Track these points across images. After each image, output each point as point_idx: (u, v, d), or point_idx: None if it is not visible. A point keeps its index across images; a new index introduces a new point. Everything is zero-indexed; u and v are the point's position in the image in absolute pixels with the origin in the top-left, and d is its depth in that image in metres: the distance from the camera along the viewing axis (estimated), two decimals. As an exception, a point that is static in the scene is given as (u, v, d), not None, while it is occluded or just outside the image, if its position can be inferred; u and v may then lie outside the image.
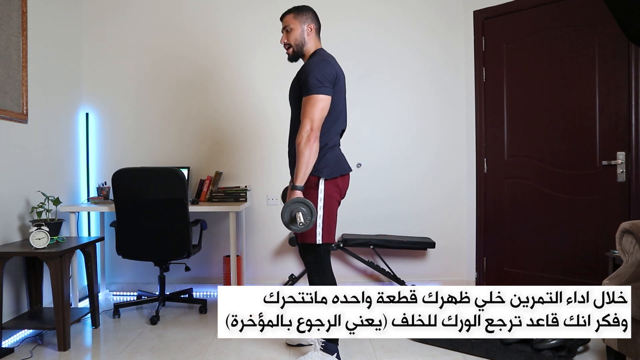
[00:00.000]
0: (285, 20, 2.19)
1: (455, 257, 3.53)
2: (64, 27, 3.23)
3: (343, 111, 2.18)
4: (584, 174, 2.91)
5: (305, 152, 1.95)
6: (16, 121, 2.66)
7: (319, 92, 1.98)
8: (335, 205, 2.11)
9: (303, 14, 2.18)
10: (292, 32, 2.16)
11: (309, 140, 1.96)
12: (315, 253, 2.09)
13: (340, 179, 2.11)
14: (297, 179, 1.97)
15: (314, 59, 2.09)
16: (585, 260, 2.91)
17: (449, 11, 3.50)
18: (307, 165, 1.97)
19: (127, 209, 2.75)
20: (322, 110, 1.99)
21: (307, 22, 2.18)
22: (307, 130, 1.96)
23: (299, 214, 1.87)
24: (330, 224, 2.07)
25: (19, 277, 2.66)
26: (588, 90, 2.88)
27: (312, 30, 2.19)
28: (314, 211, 1.89)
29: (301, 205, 1.89)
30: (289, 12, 2.18)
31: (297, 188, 1.97)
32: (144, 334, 2.62)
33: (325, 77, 2.00)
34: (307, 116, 1.97)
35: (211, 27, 3.50)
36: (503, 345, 2.18)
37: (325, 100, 2.00)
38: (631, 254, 2.07)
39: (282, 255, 3.53)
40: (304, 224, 1.87)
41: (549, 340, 2.13)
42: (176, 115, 3.51)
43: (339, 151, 2.17)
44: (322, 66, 2.02)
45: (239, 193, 3.25)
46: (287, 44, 2.18)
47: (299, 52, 2.18)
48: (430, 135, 3.52)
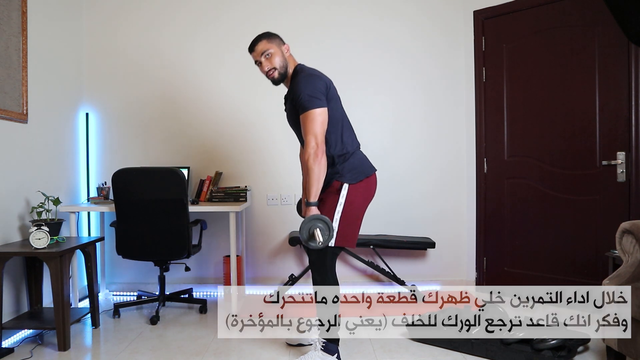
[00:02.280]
0: (259, 47, 2.14)
1: (455, 257, 3.53)
2: (64, 27, 3.23)
3: (344, 116, 2.19)
4: (584, 174, 2.91)
5: (314, 168, 1.98)
6: (16, 121, 2.66)
7: (315, 106, 2.00)
8: (355, 211, 2.10)
9: (274, 37, 2.18)
10: (273, 56, 2.14)
11: (317, 156, 1.98)
12: (322, 253, 2.09)
13: (365, 181, 2.12)
14: (310, 195, 2.00)
15: (300, 76, 2.09)
16: (585, 260, 2.91)
17: (449, 11, 3.50)
18: (318, 180, 2.00)
19: (127, 209, 2.75)
20: (322, 123, 2.01)
21: (281, 43, 2.19)
22: (313, 146, 1.98)
23: (317, 230, 1.91)
24: (346, 229, 2.08)
25: (19, 277, 2.66)
26: (588, 90, 2.88)
27: (289, 49, 2.20)
28: (332, 227, 1.94)
29: (318, 222, 1.93)
30: (260, 39, 2.16)
31: (311, 204, 2.00)
32: (144, 334, 2.62)
33: (316, 90, 2.02)
34: (310, 133, 1.99)
35: (211, 26, 3.50)
36: (503, 345, 2.18)
37: (323, 113, 2.02)
38: (631, 254, 2.07)
39: (282, 255, 3.53)
40: (322, 241, 1.91)
41: (549, 340, 2.13)
42: (176, 115, 3.51)
43: (361, 154, 2.19)
44: (311, 81, 2.04)
45: (239, 193, 3.25)
46: (272, 68, 2.14)
47: (284, 73, 2.17)
48: (430, 135, 3.52)
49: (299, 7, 3.50)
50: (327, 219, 1.94)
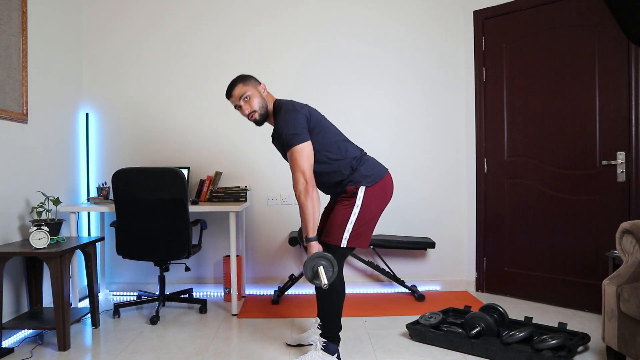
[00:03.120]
0: (236, 92, 2.16)
1: (455, 257, 3.53)
2: (64, 27, 3.23)
3: (338, 132, 2.21)
4: (584, 174, 2.91)
5: (307, 204, 2.00)
6: (16, 121, 2.66)
7: (298, 142, 2.02)
8: (371, 214, 2.12)
9: (249, 80, 2.19)
10: (251, 98, 2.16)
11: (307, 192, 2.01)
12: (331, 252, 2.09)
13: (380, 183, 2.14)
14: (308, 231, 2.02)
15: (280, 115, 2.11)
16: (585, 260, 2.92)
17: (449, 11, 3.50)
18: (313, 215, 2.02)
19: (127, 209, 2.75)
20: (308, 157, 2.04)
21: (257, 84, 2.21)
22: (302, 182, 2.01)
23: (321, 268, 1.93)
24: (360, 231, 2.10)
25: (19, 277, 2.66)
26: (588, 90, 2.88)
27: (265, 88, 2.22)
28: (334, 262, 1.96)
29: (321, 260, 1.95)
30: (236, 84, 2.18)
31: (310, 240, 2.02)
32: (144, 334, 2.62)
33: (297, 126, 2.04)
34: (298, 169, 2.02)
35: (211, 25, 3.50)
36: (503, 345, 2.18)
37: (307, 147, 2.04)
38: (631, 254, 2.07)
39: (282, 256, 3.53)
40: (326, 283, 1.91)
41: (549, 340, 2.13)
42: (176, 115, 3.51)
43: (370, 158, 2.22)
44: (291, 118, 2.06)
45: (239, 193, 3.25)
46: (252, 111, 2.16)
47: (265, 113, 2.19)
48: (430, 135, 3.52)
49: (299, 7, 3.50)
50: (330, 256, 1.96)
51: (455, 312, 2.73)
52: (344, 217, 2.08)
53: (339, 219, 2.09)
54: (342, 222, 2.08)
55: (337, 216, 2.11)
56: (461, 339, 2.30)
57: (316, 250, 2.01)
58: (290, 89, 3.49)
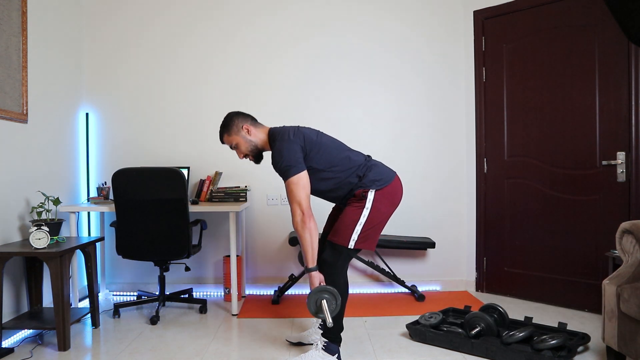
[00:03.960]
0: (225, 141, 2.29)
1: (455, 257, 3.53)
2: (64, 27, 3.23)
3: (338, 147, 2.22)
4: (584, 174, 2.91)
5: (305, 235, 2.05)
6: (16, 121, 2.66)
7: (293, 174, 2.06)
8: (380, 217, 2.14)
9: (231, 126, 2.25)
10: (239, 146, 2.25)
11: (304, 223, 2.05)
12: (337, 253, 2.11)
13: (390, 186, 2.15)
14: (308, 261, 2.07)
15: (275, 146, 2.16)
16: (585, 260, 2.92)
17: (449, 11, 3.50)
18: (312, 246, 2.06)
19: (127, 209, 2.75)
20: (304, 187, 2.07)
21: (239, 127, 2.25)
22: (299, 214, 2.05)
23: (324, 302, 1.96)
24: (368, 233, 2.11)
25: (19, 277, 2.66)
26: (588, 90, 2.88)
27: (249, 127, 2.25)
28: (337, 295, 1.98)
29: (324, 294, 1.98)
30: (222, 135, 2.29)
31: (311, 270, 2.07)
32: (144, 334, 2.62)
33: (291, 158, 2.07)
34: (294, 201, 2.06)
35: (211, 25, 3.50)
36: (503, 345, 2.18)
37: (303, 178, 2.08)
38: (631, 254, 2.07)
39: (283, 256, 3.53)
40: (330, 321, 1.93)
41: (549, 340, 2.13)
42: (176, 115, 3.51)
43: (375, 162, 2.23)
44: (284, 150, 2.09)
45: (239, 193, 3.25)
46: (243, 156, 2.27)
47: (257, 152, 2.27)
48: (430, 135, 3.52)
49: (298, 8, 3.50)
50: (333, 289, 1.98)
51: (455, 312, 2.73)
52: (354, 218, 2.09)
53: (348, 219, 2.10)
54: (351, 222, 2.09)
55: (346, 217, 2.12)
56: (461, 339, 2.30)
57: (317, 280, 2.06)
58: (290, 89, 3.49)
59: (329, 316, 1.93)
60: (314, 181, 2.14)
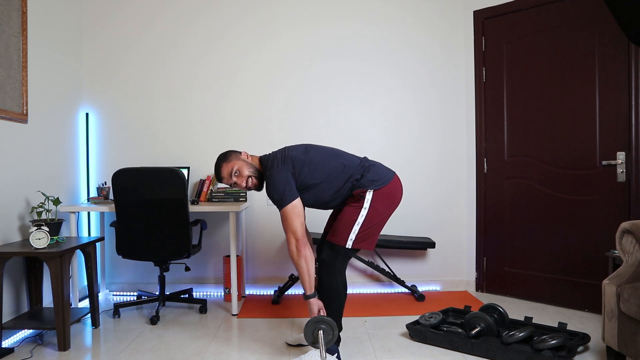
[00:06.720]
0: (224, 172, 2.26)
1: (455, 257, 3.53)
2: (64, 27, 3.23)
3: (330, 155, 2.22)
4: (584, 174, 2.91)
5: (300, 263, 2.09)
6: (16, 121, 2.66)
7: (286, 203, 2.09)
8: (379, 217, 2.14)
9: (229, 155, 2.28)
10: (241, 169, 2.24)
11: (300, 252, 2.09)
12: (335, 252, 2.11)
13: (388, 186, 2.15)
14: (306, 289, 2.10)
15: (267, 177, 2.18)
16: (585, 260, 2.91)
17: (449, 11, 3.50)
18: (308, 273, 2.10)
19: (127, 209, 2.75)
20: (299, 215, 2.10)
21: (237, 155, 2.28)
22: (294, 242, 2.10)
23: (321, 332, 1.96)
24: (366, 234, 2.11)
25: (19, 277, 2.66)
26: (588, 90, 2.88)
27: (246, 153, 2.31)
28: (334, 325, 1.99)
29: (321, 324, 1.99)
30: (220, 166, 2.27)
31: (309, 297, 2.11)
32: (144, 334, 2.62)
33: (283, 187, 2.10)
34: (289, 230, 2.10)
35: (211, 25, 3.50)
36: (503, 345, 2.18)
37: (296, 206, 2.11)
38: (631, 254, 2.07)
39: (283, 256, 3.53)
40: (323, 349, 1.94)
41: (549, 340, 2.13)
42: (176, 115, 3.51)
43: (373, 163, 2.23)
44: (276, 178, 2.12)
45: (239, 193, 3.25)
46: (247, 177, 2.24)
47: (259, 175, 2.27)
48: (430, 135, 3.52)
49: (300, 4, 3.50)
50: (330, 320, 1.98)
51: (455, 312, 2.73)
52: (352, 218, 2.10)
53: (347, 219, 2.11)
54: (349, 222, 2.10)
55: (344, 217, 2.12)
56: (461, 339, 2.30)
57: (315, 307, 2.08)
58: (290, 88, 3.49)
59: (324, 349, 1.94)
60: (314, 195, 2.17)
